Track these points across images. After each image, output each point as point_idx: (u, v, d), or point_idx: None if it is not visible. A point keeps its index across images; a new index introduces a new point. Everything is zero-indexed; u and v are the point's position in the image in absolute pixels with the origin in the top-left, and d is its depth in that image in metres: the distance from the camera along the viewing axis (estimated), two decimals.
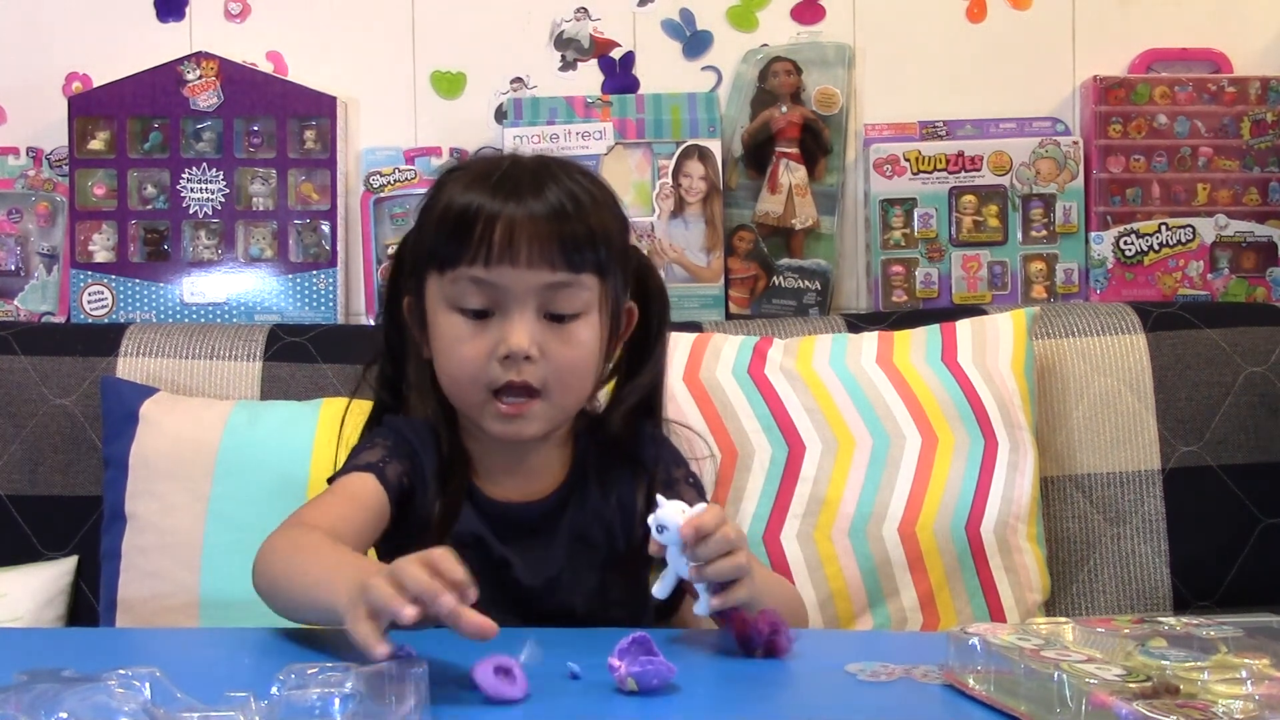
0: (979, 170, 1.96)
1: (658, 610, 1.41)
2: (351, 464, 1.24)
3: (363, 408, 1.38)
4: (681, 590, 1.43)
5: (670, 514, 1.05)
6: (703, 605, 1.07)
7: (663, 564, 1.23)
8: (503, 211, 1.18)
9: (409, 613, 0.87)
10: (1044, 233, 1.96)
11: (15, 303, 1.95)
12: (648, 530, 1.27)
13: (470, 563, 1.21)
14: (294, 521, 1.18)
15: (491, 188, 1.20)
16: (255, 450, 1.59)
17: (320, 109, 1.94)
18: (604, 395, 1.35)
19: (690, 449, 1.45)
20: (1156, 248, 1.96)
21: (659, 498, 1.07)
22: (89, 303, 1.91)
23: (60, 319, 1.94)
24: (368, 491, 1.20)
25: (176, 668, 0.80)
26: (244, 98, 1.93)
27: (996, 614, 1.57)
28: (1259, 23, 2.02)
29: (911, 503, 1.56)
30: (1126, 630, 0.93)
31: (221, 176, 1.93)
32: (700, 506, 1.06)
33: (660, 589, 1.08)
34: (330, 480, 1.26)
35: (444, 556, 0.92)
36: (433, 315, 1.24)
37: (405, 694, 0.80)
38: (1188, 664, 0.83)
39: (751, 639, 1.03)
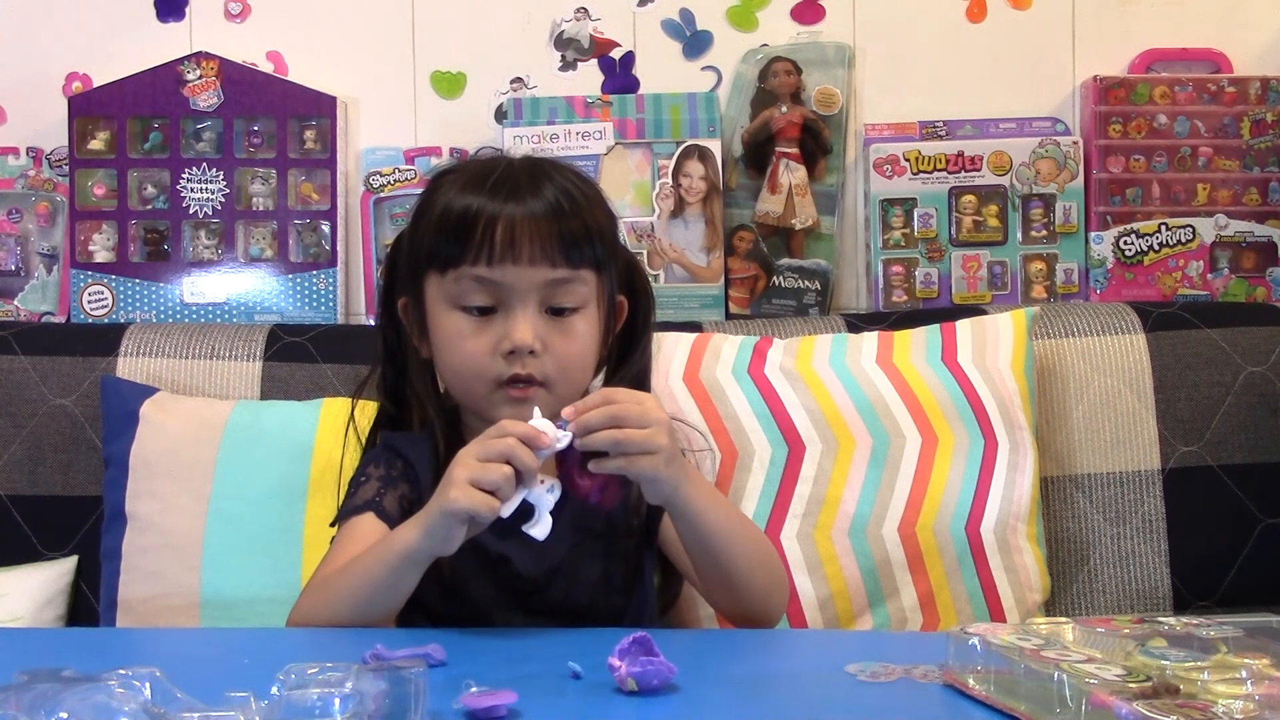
0: (979, 170, 1.96)
1: (660, 604, 1.41)
2: (350, 505, 1.27)
3: (365, 411, 1.39)
4: (678, 586, 1.43)
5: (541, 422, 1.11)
6: (541, 528, 1.10)
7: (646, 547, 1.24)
8: (503, 211, 1.22)
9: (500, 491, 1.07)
10: (1044, 233, 1.96)
11: (15, 303, 1.94)
12: (648, 515, 1.30)
13: (467, 564, 1.23)
14: (316, 581, 1.22)
15: (489, 189, 1.23)
16: (255, 450, 1.59)
17: (320, 109, 1.94)
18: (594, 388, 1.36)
19: (688, 443, 1.45)
20: (1156, 248, 1.95)
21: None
22: (89, 303, 1.91)
23: (60, 319, 1.93)
24: (371, 533, 1.23)
25: (176, 668, 0.80)
26: (244, 98, 1.93)
27: (996, 614, 1.57)
28: (1259, 23, 2.02)
29: (911, 503, 1.56)
30: (1126, 630, 0.93)
31: (221, 176, 1.93)
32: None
33: (507, 507, 1.09)
34: (334, 523, 1.28)
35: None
36: (434, 314, 1.26)
37: (405, 694, 0.80)
38: (1188, 664, 0.83)
39: (589, 495, 1.12)
